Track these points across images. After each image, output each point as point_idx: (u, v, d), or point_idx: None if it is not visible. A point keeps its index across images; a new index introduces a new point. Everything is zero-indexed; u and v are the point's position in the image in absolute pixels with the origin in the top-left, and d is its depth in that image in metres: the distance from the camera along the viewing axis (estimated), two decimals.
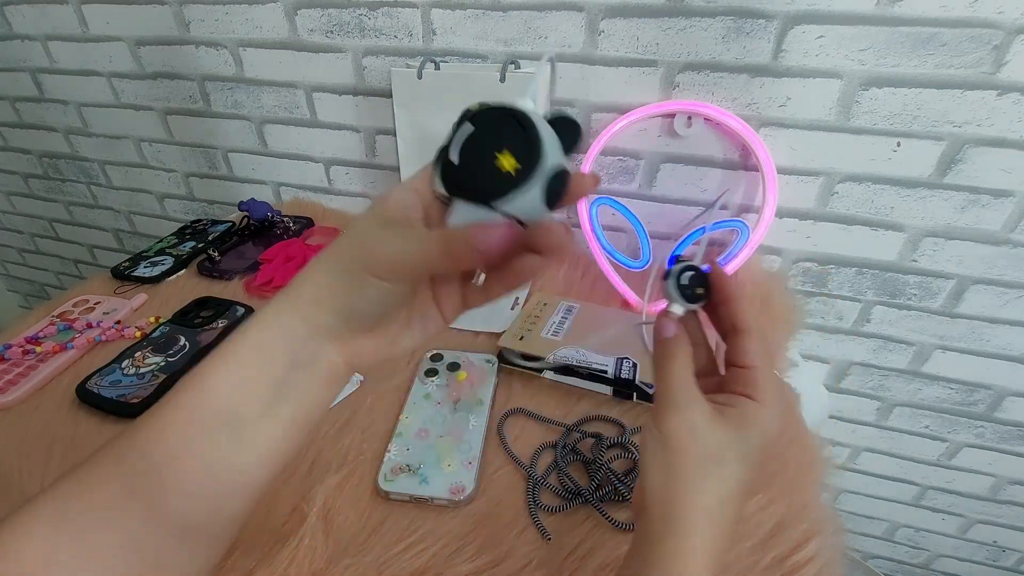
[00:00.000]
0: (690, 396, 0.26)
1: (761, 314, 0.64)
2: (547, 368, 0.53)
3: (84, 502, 0.25)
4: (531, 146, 0.22)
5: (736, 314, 0.28)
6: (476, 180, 0.23)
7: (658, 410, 0.27)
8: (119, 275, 0.72)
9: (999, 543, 0.94)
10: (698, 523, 0.25)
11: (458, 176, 0.23)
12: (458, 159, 0.23)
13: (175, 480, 0.25)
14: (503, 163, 0.22)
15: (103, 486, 0.25)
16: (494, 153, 0.22)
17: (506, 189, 0.22)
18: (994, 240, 0.64)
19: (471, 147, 0.23)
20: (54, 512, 0.24)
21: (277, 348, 0.25)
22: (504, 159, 0.22)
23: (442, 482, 0.43)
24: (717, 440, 0.26)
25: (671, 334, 0.28)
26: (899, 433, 0.85)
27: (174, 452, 0.25)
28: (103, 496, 0.25)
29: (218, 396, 0.25)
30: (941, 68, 0.56)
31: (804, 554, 0.38)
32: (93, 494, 0.25)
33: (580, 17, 0.63)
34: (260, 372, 0.25)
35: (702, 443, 0.26)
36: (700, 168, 0.69)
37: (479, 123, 0.23)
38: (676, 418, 0.26)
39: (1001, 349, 0.72)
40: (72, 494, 0.25)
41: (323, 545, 0.39)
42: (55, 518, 0.24)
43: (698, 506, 0.25)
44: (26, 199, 1.27)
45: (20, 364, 0.56)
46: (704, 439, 0.26)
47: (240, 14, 0.77)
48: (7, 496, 0.44)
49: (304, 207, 0.91)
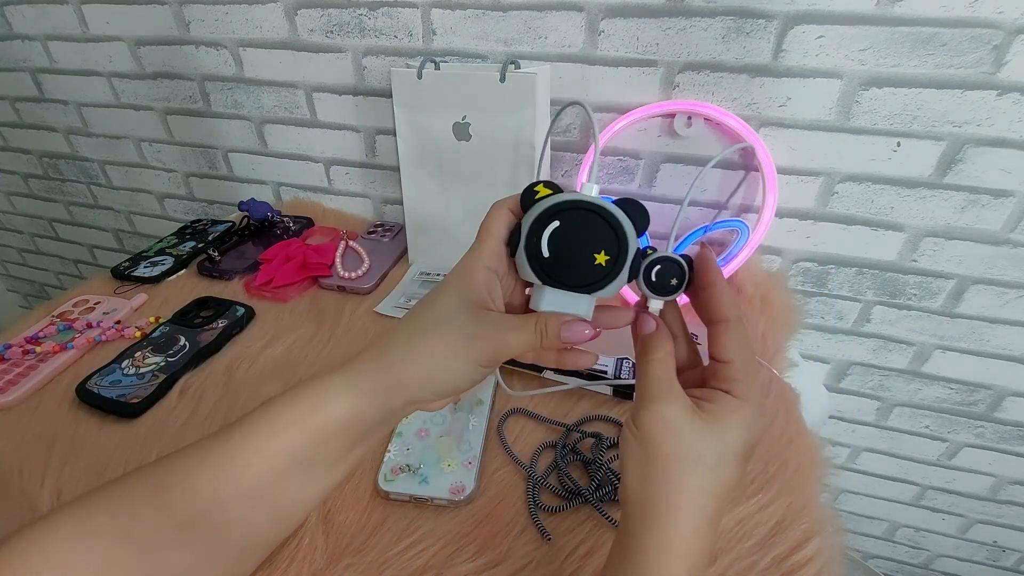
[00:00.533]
0: (667, 391, 0.26)
1: (761, 314, 0.64)
2: (547, 369, 0.53)
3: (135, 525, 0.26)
4: (620, 244, 0.26)
5: (716, 302, 0.27)
6: (576, 274, 0.26)
7: (636, 405, 0.27)
8: (119, 275, 0.72)
9: (999, 543, 0.94)
10: (675, 518, 0.25)
11: (553, 268, 0.26)
12: (548, 252, 0.26)
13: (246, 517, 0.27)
14: (600, 259, 0.26)
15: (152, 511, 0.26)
16: (591, 253, 0.26)
17: (603, 282, 0.26)
18: (994, 240, 0.64)
19: (562, 241, 0.26)
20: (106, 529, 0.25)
21: (367, 418, 0.27)
22: (600, 257, 0.26)
23: (442, 482, 0.43)
24: (693, 436, 0.25)
25: (651, 330, 0.28)
26: (899, 433, 0.85)
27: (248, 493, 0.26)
28: (154, 521, 0.26)
29: (299, 449, 0.27)
30: (941, 68, 0.56)
31: (804, 554, 0.38)
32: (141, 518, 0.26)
33: (580, 17, 0.63)
34: (344, 435, 0.27)
35: (678, 439, 0.25)
36: (700, 168, 0.69)
37: (563, 218, 0.26)
38: (652, 413, 0.26)
39: (1001, 349, 0.72)
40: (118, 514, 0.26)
41: (323, 545, 0.39)
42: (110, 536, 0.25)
43: (674, 502, 0.25)
44: (26, 199, 1.27)
45: (20, 364, 0.56)
46: (680, 435, 0.25)
47: (240, 14, 0.77)
48: (7, 496, 0.43)
49: (304, 207, 0.91)
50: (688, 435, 0.25)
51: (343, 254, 0.75)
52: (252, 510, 0.27)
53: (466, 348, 0.27)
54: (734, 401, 0.26)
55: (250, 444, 0.27)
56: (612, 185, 0.73)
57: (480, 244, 0.28)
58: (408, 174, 0.70)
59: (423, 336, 0.27)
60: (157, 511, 0.26)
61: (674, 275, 0.27)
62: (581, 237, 0.26)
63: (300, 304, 0.68)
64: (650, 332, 0.28)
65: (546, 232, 0.26)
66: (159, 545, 0.26)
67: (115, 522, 0.25)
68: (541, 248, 0.26)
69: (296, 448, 0.26)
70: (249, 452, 0.26)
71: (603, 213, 0.26)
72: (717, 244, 0.73)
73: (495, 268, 0.28)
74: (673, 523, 0.25)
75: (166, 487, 0.26)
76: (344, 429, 0.27)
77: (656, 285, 0.27)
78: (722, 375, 0.26)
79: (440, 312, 0.27)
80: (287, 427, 0.27)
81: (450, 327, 0.27)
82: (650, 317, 0.28)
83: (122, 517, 0.26)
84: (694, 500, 0.25)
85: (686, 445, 0.25)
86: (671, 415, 0.25)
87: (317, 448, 0.27)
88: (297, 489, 0.27)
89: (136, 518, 0.26)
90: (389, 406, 0.27)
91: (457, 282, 0.28)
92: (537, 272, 0.27)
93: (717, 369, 0.27)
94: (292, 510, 0.28)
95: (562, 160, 0.74)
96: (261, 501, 0.27)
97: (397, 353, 0.27)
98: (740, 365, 0.26)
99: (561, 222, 0.26)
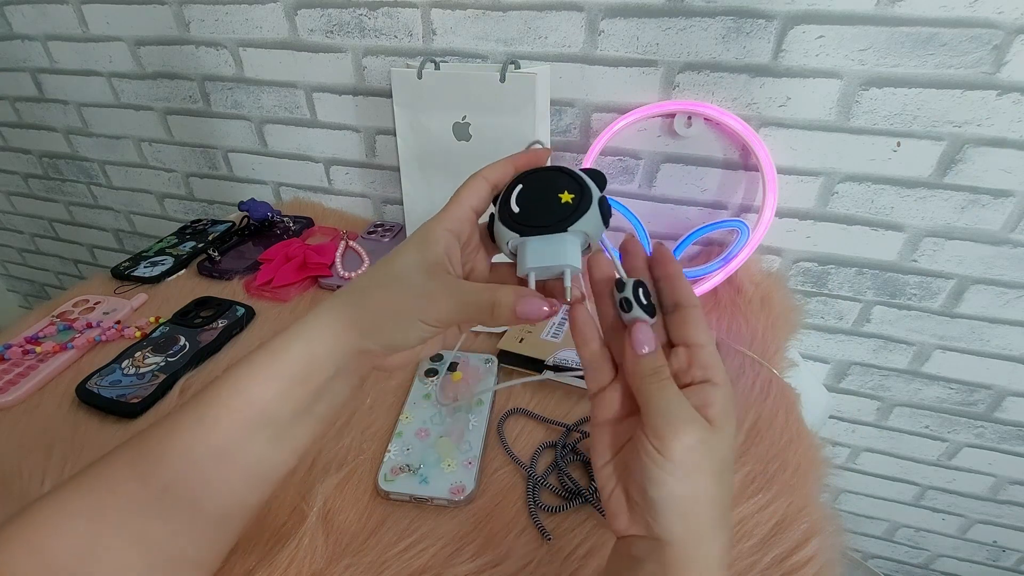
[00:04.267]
0: (690, 413, 0.24)
1: (761, 314, 0.64)
2: (547, 369, 0.53)
3: (114, 498, 0.26)
4: (579, 182, 0.28)
5: (679, 290, 0.27)
6: (546, 215, 0.28)
7: (659, 438, 0.24)
8: (119, 275, 0.72)
9: (999, 543, 0.94)
10: (720, 533, 0.25)
11: (527, 219, 0.28)
12: (519, 208, 0.28)
13: (218, 477, 0.27)
14: (565, 198, 0.28)
15: (129, 483, 0.27)
16: (556, 195, 0.28)
17: (575, 215, 0.27)
18: (994, 240, 0.64)
19: (528, 196, 0.28)
20: (83, 507, 0.26)
21: (324, 364, 0.28)
22: (564, 196, 0.28)
23: (442, 482, 0.43)
24: (721, 447, 0.24)
25: (652, 348, 0.26)
26: (899, 433, 0.85)
27: (218, 452, 0.27)
28: (131, 492, 0.26)
29: (262, 401, 0.27)
30: (941, 68, 0.56)
31: (804, 554, 0.38)
32: (119, 491, 0.26)
33: (580, 17, 0.63)
34: (305, 382, 0.28)
35: (712, 457, 0.24)
36: (700, 168, 0.69)
37: (525, 181, 0.29)
38: (684, 441, 0.24)
39: (1001, 349, 0.72)
40: (95, 489, 0.26)
41: (323, 545, 0.39)
42: (87, 513, 0.26)
43: (719, 518, 0.25)
44: (26, 199, 1.27)
45: (20, 364, 0.56)
46: (714, 452, 0.24)
47: (240, 14, 0.77)
48: (7, 496, 0.43)
49: (304, 207, 0.91)
50: (717, 450, 0.24)
51: (343, 254, 0.75)
52: (225, 471, 0.27)
53: (415, 305, 0.27)
54: (720, 392, 0.25)
55: (216, 402, 0.27)
56: (612, 185, 0.73)
57: (446, 207, 0.29)
58: (408, 174, 0.70)
59: (376, 288, 0.28)
60: (134, 482, 0.26)
61: (649, 295, 0.27)
62: (544, 188, 0.28)
63: (300, 304, 0.68)
64: (652, 351, 0.26)
65: (513, 194, 0.29)
66: (138, 515, 0.26)
67: (94, 498, 0.26)
68: (511, 207, 0.28)
69: (257, 401, 0.27)
70: (216, 410, 0.27)
71: (558, 168, 0.29)
72: (717, 244, 0.73)
73: (457, 232, 0.29)
74: (720, 539, 0.25)
75: (141, 456, 0.27)
76: (301, 377, 0.28)
77: (649, 306, 0.27)
78: (699, 362, 0.26)
79: (396, 268, 0.28)
80: (248, 383, 0.27)
81: (402, 283, 0.28)
82: (649, 333, 0.26)
83: (100, 492, 0.26)
84: (727, 505, 0.25)
85: (719, 460, 0.24)
86: (704, 437, 0.24)
87: (278, 400, 0.28)
88: (264, 447, 0.28)
89: (113, 492, 0.26)
90: (342, 352, 0.28)
91: (417, 242, 0.28)
92: (513, 228, 0.28)
93: (693, 355, 0.26)
94: (264, 471, 0.29)
95: (562, 160, 0.74)
96: (232, 461, 0.27)
97: (350, 303, 0.28)
98: (710, 348, 0.26)
99: (524, 184, 0.29)
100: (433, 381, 0.53)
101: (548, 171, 0.29)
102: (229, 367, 0.29)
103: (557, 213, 0.27)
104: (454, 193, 0.29)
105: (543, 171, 0.29)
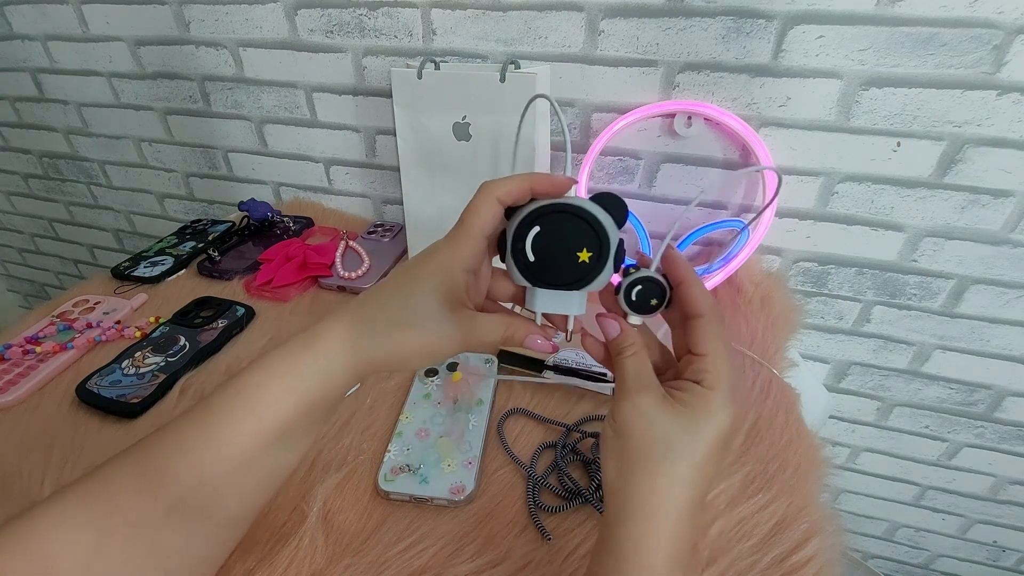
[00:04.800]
0: (642, 383, 0.27)
1: (761, 314, 0.64)
2: (547, 369, 0.53)
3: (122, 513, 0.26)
4: (601, 240, 0.27)
5: (690, 299, 0.27)
6: (562, 274, 0.28)
7: (614, 401, 0.28)
8: (119, 275, 0.72)
9: (999, 543, 0.94)
10: (651, 506, 0.25)
11: (539, 270, 0.28)
12: (533, 256, 0.28)
13: (231, 491, 0.28)
14: (583, 256, 0.27)
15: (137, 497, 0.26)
16: (575, 252, 0.27)
17: (588, 278, 0.27)
18: (994, 240, 0.64)
19: (545, 244, 0.27)
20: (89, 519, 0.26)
21: (339, 385, 0.29)
22: (582, 254, 0.27)
23: (442, 482, 0.43)
24: (667, 424, 0.26)
25: (616, 333, 0.29)
26: (899, 433, 0.85)
27: (232, 468, 0.27)
28: (141, 506, 0.26)
29: (278, 419, 0.28)
30: (941, 68, 0.56)
31: (804, 554, 0.38)
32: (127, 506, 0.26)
33: (580, 17, 0.63)
34: (322, 401, 0.29)
35: (651, 427, 0.26)
36: (700, 168, 0.69)
37: (543, 223, 0.27)
38: (627, 404, 0.27)
39: (1001, 349, 0.72)
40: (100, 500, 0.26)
41: (323, 545, 0.39)
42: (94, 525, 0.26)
43: (650, 489, 0.25)
44: (26, 199, 1.27)
45: (20, 364, 0.56)
46: (654, 424, 0.26)
47: (240, 14, 0.77)
48: (7, 496, 0.43)
49: (304, 207, 0.91)
50: (661, 424, 0.26)
51: (343, 254, 0.75)
52: (239, 483, 0.28)
53: (438, 342, 0.28)
54: (706, 391, 0.26)
55: (229, 420, 0.28)
56: (612, 185, 0.73)
57: (461, 242, 0.28)
58: (408, 174, 0.70)
59: (398, 326, 0.28)
60: (142, 497, 0.26)
61: (654, 295, 0.28)
62: (562, 238, 0.27)
63: (300, 304, 0.68)
64: (615, 335, 0.29)
65: (528, 237, 0.27)
66: (149, 529, 0.26)
67: (100, 509, 0.26)
68: (526, 254, 0.28)
69: (272, 418, 0.28)
70: (230, 429, 0.27)
71: (580, 213, 0.27)
72: (717, 244, 0.73)
73: (475, 269, 0.29)
74: (650, 512, 0.25)
75: (148, 471, 0.27)
76: (319, 397, 0.29)
77: (636, 304, 0.28)
78: (695, 367, 0.27)
79: (418, 306, 0.28)
80: (262, 399, 0.28)
81: (426, 322, 0.28)
82: (612, 320, 0.29)
83: (106, 505, 0.26)
84: (669, 488, 0.25)
85: (660, 433, 0.26)
86: (644, 405, 0.26)
87: (295, 418, 0.28)
88: (279, 457, 0.30)
89: (121, 507, 0.26)
90: (355, 372, 0.29)
91: (436, 278, 0.28)
92: (526, 276, 0.28)
93: (692, 361, 0.27)
94: (277, 475, 0.31)
95: (562, 160, 0.74)
96: (250, 474, 0.28)
97: (366, 332, 0.29)
98: (713, 357, 0.27)
99: (541, 226, 0.27)
100: (433, 381, 0.53)
101: (569, 215, 0.27)
102: (237, 373, 0.29)
103: (572, 273, 0.27)
104: (464, 217, 0.28)
105: (564, 213, 0.27)
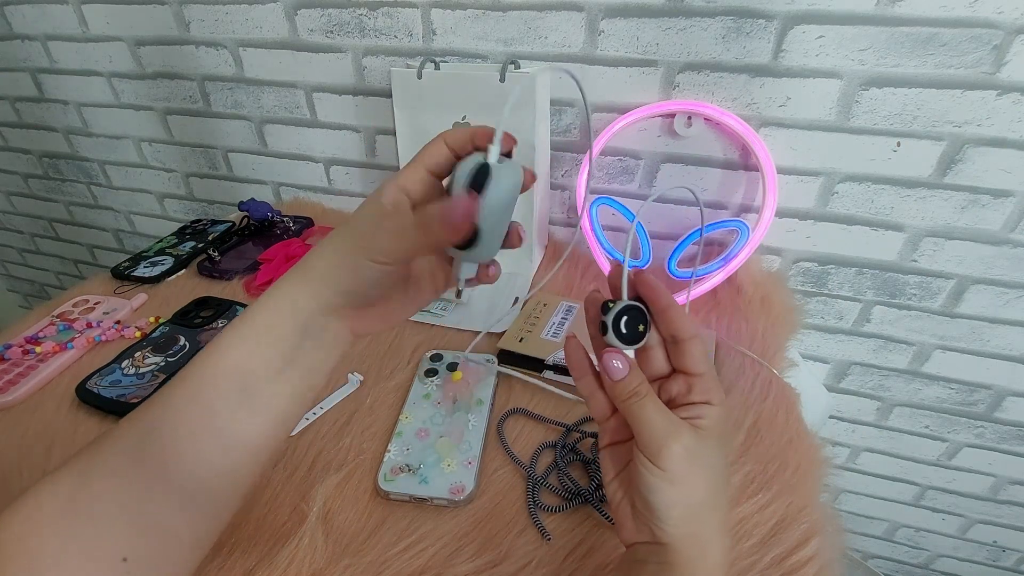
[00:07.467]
0: (673, 422, 0.26)
1: (761, 314, 0.64)
2: (547, 368, 0.53)
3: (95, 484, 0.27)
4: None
5: (676, 324, 0.28)
6: None
7: (650, 450, 0.26)
8: (119, 275, 0.72)
9: (999, 543, 0.94)
10: (720, 537, 0.27)
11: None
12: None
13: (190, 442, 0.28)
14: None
15: (115, 458, 0.28)
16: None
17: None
18: (994, 240, 0.64)
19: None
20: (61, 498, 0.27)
21: (289, 320, 0.29)
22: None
23: (442, 482, 0.43)
24: (710, 455, 0.27)
25: (624, 375, 0.27)
26: (899, 433, 0.85)
27: (187, 417, 0.28)
28: (111, 471, 0.27)
29: (232, 361, 0.28)
30: (941, 68, 0.56)
31: (804, 554, 0.38)
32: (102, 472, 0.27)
33: (580, 17, 0.63)
34: (273, 341, 0.29)
35: (703, 465, 0.26)
36: (700, 168, 0.69)
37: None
38: (674, 451, 0.26)
39: (1001, 349, 0.72)
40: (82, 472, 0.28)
41: (323, 545, 0.39)
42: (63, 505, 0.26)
43: (717, 522, 0.27)
44: (26, 199, 1.27)
45: (20, 364, 0.56)
46: (702, 460, 0.26)
47: (240, 14, 0.77)
48: (7, 496, 0.43)
49: (304, 207, 0.91)
50: (707, 457, 0.27)
51: None
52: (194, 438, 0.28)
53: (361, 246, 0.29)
54: (715, 409, 0.27)
55: (194, 369, 0.29)
56: (612, 185, 0.73)
57: (406, 167, 0.29)
58: None
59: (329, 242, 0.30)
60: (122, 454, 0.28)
61: (640, 321, 0.28)
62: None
63: None
64: (623, 376, 0.27)
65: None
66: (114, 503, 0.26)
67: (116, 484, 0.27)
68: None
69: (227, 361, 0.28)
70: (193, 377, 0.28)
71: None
72: (717, 244, 0.73)
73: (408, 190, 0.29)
74: (719, 542, 0.27)
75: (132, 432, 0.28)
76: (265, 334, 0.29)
77: (628, 336, 0.28)
78: (698, 388, 0.28)
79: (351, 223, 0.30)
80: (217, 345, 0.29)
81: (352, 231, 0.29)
82: (617, 360, 0.28)
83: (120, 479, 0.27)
84: (724, 512, 0.27)
85: (709, 467, 0.27)
86: (691, 444, 0.26)
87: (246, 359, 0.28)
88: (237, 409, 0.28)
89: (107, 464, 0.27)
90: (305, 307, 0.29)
91: (370, 198, 0.30)
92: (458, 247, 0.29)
93: (692, 383, 0.28)
94: (239, 436, 0.29)
95: (562, 160, 0.74)
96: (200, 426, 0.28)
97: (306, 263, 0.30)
98: (710, 375, 0.28)
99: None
100: (433, 381, 0.53)
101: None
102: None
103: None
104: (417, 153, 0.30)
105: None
